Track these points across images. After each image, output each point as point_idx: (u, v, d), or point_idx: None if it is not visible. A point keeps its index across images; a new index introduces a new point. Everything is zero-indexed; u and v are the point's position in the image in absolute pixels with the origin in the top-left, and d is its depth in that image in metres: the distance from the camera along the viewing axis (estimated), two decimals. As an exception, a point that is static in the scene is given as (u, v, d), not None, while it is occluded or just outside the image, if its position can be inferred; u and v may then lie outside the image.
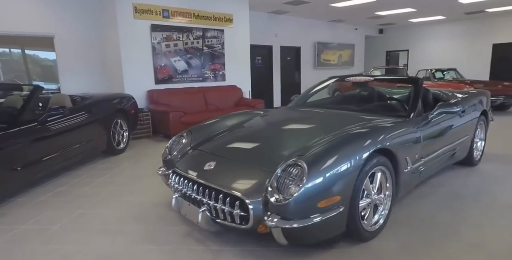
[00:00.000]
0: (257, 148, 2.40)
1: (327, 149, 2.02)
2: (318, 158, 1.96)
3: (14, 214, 2.89)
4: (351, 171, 1.98)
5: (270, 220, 1.82)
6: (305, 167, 1.87)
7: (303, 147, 2.13)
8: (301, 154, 2.00)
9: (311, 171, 1.86)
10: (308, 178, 1.84)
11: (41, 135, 3.44)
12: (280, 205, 1.82)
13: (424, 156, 2.78)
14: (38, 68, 6.51)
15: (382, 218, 2.34)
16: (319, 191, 1.85)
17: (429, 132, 2.84)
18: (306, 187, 1.82)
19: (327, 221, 1.89)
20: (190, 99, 6.71)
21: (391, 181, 2.38)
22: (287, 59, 10.62)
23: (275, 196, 1.86)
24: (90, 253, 2.22)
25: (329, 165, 1.92)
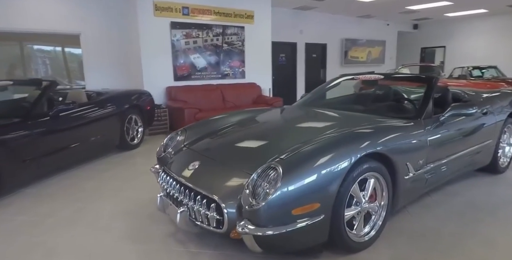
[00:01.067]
0: (244, 149, 2.30)
1: (308, 153, 1.88)
2: (297, 161, 1.83)
3: (18, 205, 3.01)
4: (334, 176, 1.82)
5: (241, 226, 1.72)
6: (280, 171, 1.75)
7: (288, 149, 1.99)
8: (279, 157, 1.88)
9: (286, 176, 1.73)
10: (282, 183, 1.71)
11: (51, 129, 3.56)
12: (252, 210, 1.72)
13: (432, 162, 2.54)
14: (76, 64, 6.82)
15: (374, 229, 2.16)
16: (295, 197, 1.72)
17: (439, 135, 2.59)
18: (279, 193, 1.69)
19: (304, 229, 1.75)
20: (208, 96, 6.72)
21: (387, 189, 2.19)
22: (312, 56, 10.35)
23: (249, 200, 1.75)
24: (74, 248, 2.25)
25: (308, 169, 1.78)
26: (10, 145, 3.11)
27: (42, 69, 6.53)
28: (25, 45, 6.25)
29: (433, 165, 2.55)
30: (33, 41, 6.25)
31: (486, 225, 2.47)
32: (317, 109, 3.11)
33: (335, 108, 3.06)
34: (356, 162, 1.92)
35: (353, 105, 3.18)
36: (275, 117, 2.97)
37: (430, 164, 2.52)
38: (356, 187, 2.01)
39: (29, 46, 6.29)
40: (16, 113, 3.42)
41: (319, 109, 3.07)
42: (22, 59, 6.28)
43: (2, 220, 2.70)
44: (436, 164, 2.59)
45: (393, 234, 2.33)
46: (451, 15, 11.19)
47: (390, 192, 2.21)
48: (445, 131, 2.65)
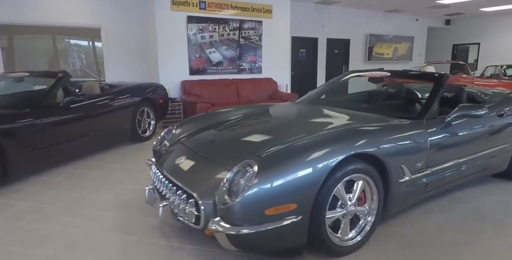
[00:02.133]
0: (232, 144, 2.26)
1: (287, 151, 1.81)
2: (274, 160, 1.77)
3: (26, 191, 3.16)
4: (313, 177, 1.75)
5: (214, 224, 1.69)
6: (255, 169, 1.70)
7: (269, 146, 1.93)
8: (258, 154, 1.82)
9: (261, 174, 1.68)
10: (256, 181, 1.66)
11: (61, 120, 3.69)
12: (225, 208, 1.68)
13: (434, 165, 2.38)
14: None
15: (360, 235, 2.06)
16: (268, 197, 1.66)
17: (443, 137, 2.42)
18: (252, 191, 1.64)
19: (279, 230, 1.70)
20: (222, 91, 6.73)
21: (377, 192, 2.08)
22: (334, 52, 10.09)
23: (223, 198, 1.72)
24: (64, 236, 2.32)
25: (284, 168, 1.72)
26: (18, 134, 3.24)
27: (74, 62, 6.82)
28: (57, 39, 6.53)
29: (435, 169, 2.40)
30: (64, 35, 6.52)
31: (488, 235, 2.30)
32: (317, 106, 3.01)
33: (336, 106, 2.94)
34: (340, 163, 1.83)
35: (356, 103, 3.05)
36: (273, 113, 2.91)
37: (431, 167, 2.37)
38: (341, 189, 1.92)
39: (61, 39, 6.57)
40: (27, 103, 3.56)
41: (319, 107, 2.97)
42: (56, 52, 6.57)
43: (7, 205, 2.84)
44: (439, 168, 2.43)
45: (384, 239, 2.22)
46: (487, 10, 10.50)
47: (381, 195, 2.10)
48: (450, 133, 2.48)
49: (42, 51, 6.48)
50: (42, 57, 6.49)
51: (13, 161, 3.19)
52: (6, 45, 6.29)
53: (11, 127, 3.20)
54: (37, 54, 6.43)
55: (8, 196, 3.03)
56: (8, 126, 3.18)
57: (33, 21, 5.94)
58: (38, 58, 6.44)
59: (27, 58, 6.38)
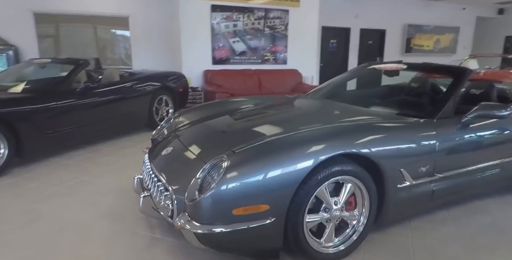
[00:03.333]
0: (220, 138, 2.16)
1: (263, 147, 1.69)
2: (247, 156, 1.65)
3: (36, 172, 3.30)
4: (290, 177, 1.61)
5: (179, 220, 1.62)
6: (226, 165, 1.60)
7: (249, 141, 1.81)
8: (233, 149, 1.71)
9: (230, 171, 1.58)
10: (225, 178, 1.56)
11: (76, 105, 3.80)
12: (192, 205, 1.60)
13: (443, 170, 2.13)
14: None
15: (345, 244, 1.89)
16: (237, 196, 1.56)
17: (457, 139, 2.16)
18: (219, 189, 1.55)
19: (248, 232, 1.59)
20: (244, 81, 6.63)
21: (369, 198, 1.89)
22: (367, 43, 9.58)
23: (193, 193, 1.64)
24: (56, 218, 2.38)
25: (258, 166, 1.59)
26: (33, 118, 3.37)
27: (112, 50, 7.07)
28: (98, 28, 6.78)
29: (445, 175, 2.15)
30: (104, 24, 6.76)
31: (502, 254, 2.03)
32: (322, 100, 2.82)
33: (344, 101, 2.72)
34: (323, 163, 1.68)
35: (367, 99, 2.81)
36: (273, 107, 2.76)
37: (439, 173, 2.12)
38: (325, 191, 1.77)
39: (102, 29, 6.82)
40: (45, 89, 3.70)
41: (324, 101, 2.78)
42: (97, 41, 6.85)
43: (15, 184, 2.98)
44: (449, 174, 2.17)
45: (379, 248, 2.03)
46: (548, -2, 9.37)
47: (373, 201, 1.91)
48: (466, 135, 2.20)
49: (83, 39, 6.77)
50: (83, 45, 6.79)
51: (27, 144, 3.33)
52: (54, 33, 6.65)
53: (26, 111, 3.33)
54: (79, 42, 6.74)
55: (20, 176, 3.18)
56: (23, 110, 3.31)
57: (69, 10, 6.19)
58: (79, 46, 6.74)
59: (70, 45, 6.72)
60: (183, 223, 1.60)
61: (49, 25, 6.47)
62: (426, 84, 3.05)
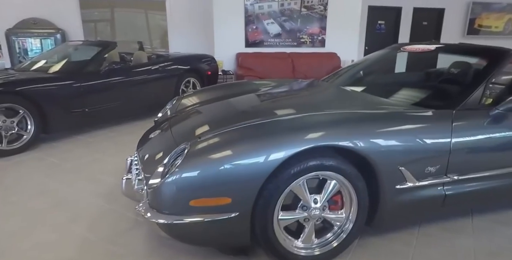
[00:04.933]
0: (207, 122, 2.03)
1: (228, 136, 1.53)
2: (210, 145, 1.51)
3: (59, 148, 3.50)
4: (255, 170, 1.44)
5: (141, 206, 1.55)
6: (185, 153, 1.48)
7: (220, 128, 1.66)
8: (200, 135, 1.58)
9: (190, 159, 1.46)
10: (182, 167, 1.44)
11: (100, 86, 3.93)
12: (151, 191, 1.52)
13: (458, 172, 1.80)
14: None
15: (323, 248, 1.68)
16: (195, 186, 1.44)
17: (482, 136, 1.80)
18: (175, 177, 1.44)
19: (209, 225, 1.47)
20: (276, 65, 6.38)
21: (356, 199, 1.65)
22: (421, 24, 8.65)
23: (155, 180, 1.55)
24: (57, 194, 2.49)
25: (220, 156, 1.45)
26: (58, 97, 3.54)
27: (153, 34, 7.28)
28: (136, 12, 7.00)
29: (461, 177, 1.81)
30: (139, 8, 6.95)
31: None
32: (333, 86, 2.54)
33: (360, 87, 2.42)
34: (297, 156, 1.48)
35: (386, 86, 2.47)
36: (278, 91, 2.54)
37: (454, 175, 1.79)
38: (302, 187, 1.57)
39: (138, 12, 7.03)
40: (72, 69, 3.86)
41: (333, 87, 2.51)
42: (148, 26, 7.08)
43: (37, 158, 3.19)
44: (468, 177, 1.83)
45: (369, 257, 1.79)
46: None
47: (363, 202, 1.67)
48: (495, 131, 1.82)
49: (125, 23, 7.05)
50: (127, 29, 7.07)
51: (52, 121, 3.52)
52: (98, 17, 6.99)
53: (51, 90, 3.50)
54: (122, 25, 7.03)
55: (44, 151, 3.39)
56: (48, 89, 3.49)
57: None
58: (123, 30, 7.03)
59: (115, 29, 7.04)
60: (143, 211, 1.53)
61: (93, 9, 6.76)
62: (466, 70, 2.59)
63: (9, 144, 3.23)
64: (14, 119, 3.23)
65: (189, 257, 1.73)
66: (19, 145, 3.28)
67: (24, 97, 3.27)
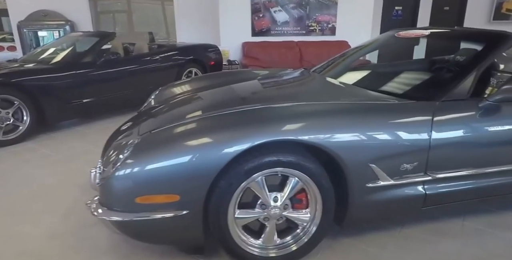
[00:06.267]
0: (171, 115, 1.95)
1: (176, 130, 1.44)
2: (157, 139, 1.43)
3: (54, 139, 3.54)
4: (204, 166, 1.35)
5: (92, 202, 1.50)
6: (132, 147, 1.40)
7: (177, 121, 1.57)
8: (152, 130, 1.50)
9: (135, 154, 1.39)
10: (128, 161, 1.38)
11: (97, 77, 3.93)
12: (99, 186, 1.46)
13: (442, 170, 1.63)
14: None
15: (280, 251, 1.57)
16: (141, 182, 1.36)
17: (468, 130, 1.61)
18: (120, 174, 1.37)
19: (158, 223, 1.41)
20: (283, 54, 6.19)
21: (321, 197, 1.53)
22: (442, 10, 8.13)
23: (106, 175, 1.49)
24: (44, 184, 2.50)
25: (167, 151, 1.37)
26: (53, 88, 3.56)
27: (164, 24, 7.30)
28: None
29: (444, 175, 1.64)
30: None
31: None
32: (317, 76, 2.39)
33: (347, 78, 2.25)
34: (251, 151, 1.37)
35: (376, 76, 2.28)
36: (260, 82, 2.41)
37: (435, 172, 1.63)
38: (259, 185, 1.47)
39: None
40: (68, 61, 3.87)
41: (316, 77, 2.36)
42: (165, 17, 7.10)
43: (30, 149, 3.24)
44: (452, 175, 1.66)
45: (334, 259, 1.67)
46: None
47: (328, 201, 1.54)
48: (483, 125, 1.63)
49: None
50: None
51: (49, 112, 3.56)
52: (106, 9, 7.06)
53: (46, 82, 3.52)
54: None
55: (39, 142, 3.44)
56: (44, 81, 3.51)
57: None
58: (133, 21, 7.08)
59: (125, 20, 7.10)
60: (93, 207, 1.48)
61: (108, 1, 6.81)
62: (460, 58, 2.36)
63: (5, 135, 3.30)
64: (9, 110, 3.28)
65: (146, 253, 1.68)
66: (14, 136, 3.34)
67: (18, 88, 3.30)
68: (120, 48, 4.77)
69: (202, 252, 1.61)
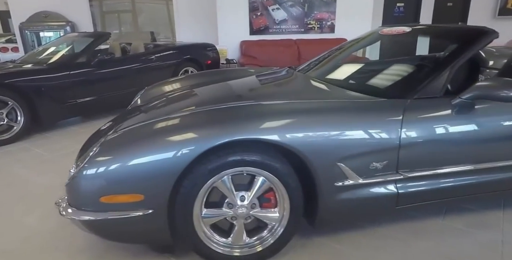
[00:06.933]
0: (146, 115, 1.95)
1: (140, 129, 1.45)
2: (122, 138, 1.44)
3: (50, 139, 3.60)
4: (167, 166, 1.36)
5: (61, 201, 1.52)
6: (97, 148, 1.42)
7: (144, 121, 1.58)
8: (116, 129, 1.51)
9: (100, 153, 1.41)
10: (92, 161, 1.39)
11: (91, 77, 3.97)
12: (66, 185, 1.48)
13: (414, 168, 1.61)
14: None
15: (243, 250, 1.56)
16: (105, 182, 1.38)
17: (440, 128, 1.59)
18: (84, 173, 1.39)
19: (124, 223, 1.42)
20: (281, 53, 6.17)
21: (288, 197, 1.52)
22: (446, 6, 8.00)
23: (73, 174, 1.51)
24: (30, 184, 2.55)
25: (131, 150, 1.38)
26: (47, 89, 3.61)
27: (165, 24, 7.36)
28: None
29: (416, 174, 1.62)
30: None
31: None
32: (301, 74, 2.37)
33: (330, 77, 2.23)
34: (214, 151, 1.37)
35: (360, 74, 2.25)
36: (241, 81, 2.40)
37: (407, 171, 1.61)
38: (225, 184, 1.47)
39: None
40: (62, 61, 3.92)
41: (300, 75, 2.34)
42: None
43: (24, 149, 3.30)
44: (425, 174, 1.63)
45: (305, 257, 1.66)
46: None
47: (296, 201, 1.53)
48: (456, 123, 1.60)
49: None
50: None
51: (42, 113, 3.61)
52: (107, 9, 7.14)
53: (41, 82, 3.57)
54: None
55: (33, 142, 3.50)
56: (38, 81, 3.56)
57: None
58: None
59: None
60: (62, 207, 1.49)
61: (94, 2, 6.87)
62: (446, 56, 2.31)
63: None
64: (3, 111, 3.34)
65: (120, 252, 1.69)
66: (8, 136, 3.41)
67: (12, 89, 3.36)
68: (118, 48, 4.82)
69: (173, 251, 1.62)
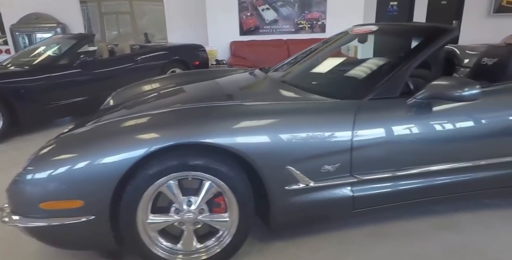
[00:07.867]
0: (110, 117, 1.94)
1: (80, 135, 1.44)
2: (61, 143, 1.43)
3: (31, 141, 3.59)
4: (104, 171, 1.33)
5: (6, 207, 1.49)
6: (36, 152, 1.39)
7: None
8: (61, 133, 1.49)
9: (38, 159, 1.38)
10: (30, 166, 1.37)
11: (73, 79, 3.96)
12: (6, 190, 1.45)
13: (369, 171, 1.57)
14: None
15: (189, 256, 1.52)
16: (43, 188, 1.35)
17: (396, 129, 1.54)
18: (23, 178, 1.36)
19: (65, 229, 1.38)
20: (271, 53, 6.12)
21: (236, 202, 1.48)
22: (440, 4, 7.91)
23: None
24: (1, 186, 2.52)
25: (68, 155, 1.36)
26: (27, 91, 3.60)
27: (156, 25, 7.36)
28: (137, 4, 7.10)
29: (371, 176, 1.58)
30: None
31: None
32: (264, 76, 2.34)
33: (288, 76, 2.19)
34: (156, 155, 1.34)
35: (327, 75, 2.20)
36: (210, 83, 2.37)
37: (361, 174, 1.56)
38: (170, 189, 1.43)
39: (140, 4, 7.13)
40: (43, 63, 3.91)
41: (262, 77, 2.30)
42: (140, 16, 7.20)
43: (1, 152, 3.28)
44: (380, 177, 1.59)
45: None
46: None
47: (245, 205, 1.49)
48: (411, 123, 1.56)
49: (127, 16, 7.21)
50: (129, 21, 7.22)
51: (22, 115, 3.60)
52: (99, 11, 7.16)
53: (21, 84, 3.57)
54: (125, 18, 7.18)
55: (12, 144, 3.50)
56: (18, 83, 3.56)
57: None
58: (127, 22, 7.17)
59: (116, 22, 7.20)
60: (6, 213, 1.47)
61: (93, 3, 6.89)
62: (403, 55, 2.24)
63: (-23, 137, 3.37)
64: (-18, 113, 3.34)
65: (69, 257, 1.66)
66: (-14, 138, 3.41)
67: (-11, 91, 3.36)
68: (105, 49, 4.81)
69: (120, 257, 1.59)
